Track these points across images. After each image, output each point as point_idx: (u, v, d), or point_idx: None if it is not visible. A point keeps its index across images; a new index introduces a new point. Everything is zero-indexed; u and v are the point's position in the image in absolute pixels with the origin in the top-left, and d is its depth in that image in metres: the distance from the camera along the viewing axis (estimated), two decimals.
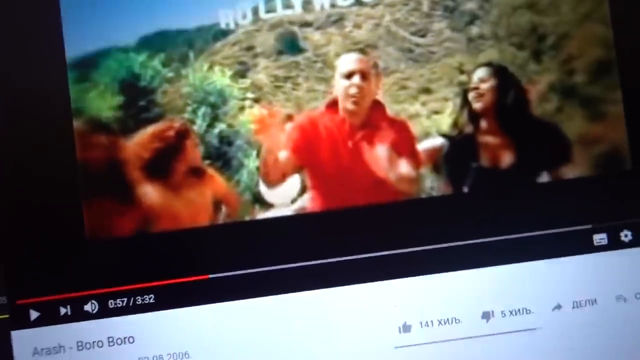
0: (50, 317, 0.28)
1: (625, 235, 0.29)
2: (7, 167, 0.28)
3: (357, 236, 0.29)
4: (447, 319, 0.29)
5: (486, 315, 0.29)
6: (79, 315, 0.28)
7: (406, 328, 0.29)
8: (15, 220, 0.28)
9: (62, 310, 0.29)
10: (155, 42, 0.29)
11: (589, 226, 0.29)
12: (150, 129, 0.29)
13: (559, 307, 0.29)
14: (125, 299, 0.29)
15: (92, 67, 0.29)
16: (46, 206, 0.28)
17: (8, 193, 0.28)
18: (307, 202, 0.29)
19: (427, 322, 0.29)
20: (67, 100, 0.29)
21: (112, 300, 0.29)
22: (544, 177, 0.29)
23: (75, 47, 0.29)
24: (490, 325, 0.29)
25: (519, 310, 0.29)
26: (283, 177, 0.29)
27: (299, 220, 0.29)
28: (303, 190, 0.29)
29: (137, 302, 0.29)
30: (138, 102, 0.29)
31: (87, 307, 0.29)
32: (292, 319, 0.28)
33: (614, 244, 0.29)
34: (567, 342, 0.28)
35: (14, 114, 0.29)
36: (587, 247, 0.29)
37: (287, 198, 0.29)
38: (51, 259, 0.28)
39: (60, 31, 0.29)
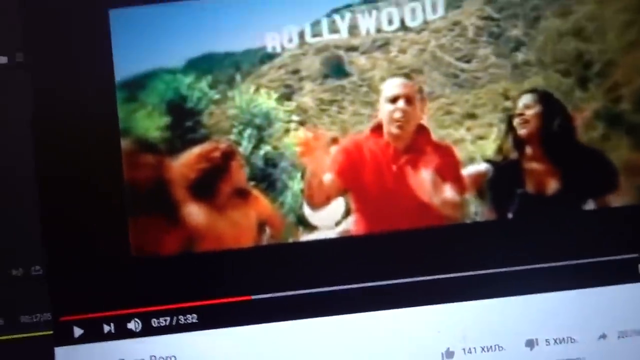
0: (93, 334, 0.29)
1: None
2: (57, 184, 0.29)
3: (401, 260, 0.29)
4: (491, 346, 0.29)
5: (530, 344, 0.29)
6: (123, 333, 0.29)
7: (449, 354, 0.29)
8: (62, 237, 0.29)
9: (106, 328, 0.29)
10: (202, 65, 0.30)
11: (635, 255, 0.29)
12: (197, 150, 0.30)
13: (604, 336, 0.29)
14: (169, 318, 0.29)
15: (140, 88, 0.30)
16: (93, 224, 0.29)
17: (56, 210, 0.29)
18: (351, 225, 0.29)
19: (470, 349, 0.29)
20: (115, 120, 0.29)
21: (155, 319, 0.29)
22: (590, 205, 0.29)
23: (124, 68, 0.30)
24: (534, 353, 0.28)
25: (563, 339, 0.29)
26: (327, 199, 0.29)
27: (343, 243, 0.29)
28: (347, 213, 0.29)
29: (180, 322, 0.29)
30: (185, 123, 0.30)
31: (131, 325, 0.29)
32: (335, 342, 0.29)
33: None
34: None
35: (65, 133, 0.29)
36: (633, 276, 0.29)
37: (331, 221, 0.29)
38: (96, 276, 0.29)
39: (110, 53, 0.30)
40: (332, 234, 0.29)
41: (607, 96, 0.30)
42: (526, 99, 0.30)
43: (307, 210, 0.29)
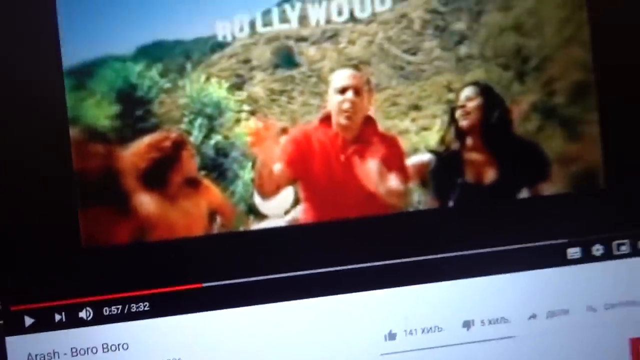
0: (45, 324, 0.29)
1: (597, 250, 0.31)
2: (4, 174, 0.29)
3: (347, 247, 0.30)
4: (430, 328, 0.30)
5: (467, 324, 0.31)
6: (74, 322, 0.29)
7: (391, 336, 0.30)
8: (11, 227, 0.29)
9: (57, 317, 0.29)
10: (152, 52, 0.30)
11: (564, 240, 0.31)
12: (147, 139, 0.30)
13: (534, 316, 0.31)
14: (120, 306, 0.29)
15: (88, 76, 0.30)
16: (43, 214, 0.29)
17: (5, 200, 0.29)
18: (300, 214, 0.30)
19: (411, 330, 0.30)
20: (63, 109, 0.29)
21: (106, 308, 0.29)
22: (524, 193, 0.31)
23: (72, 55, 0.29)
24: (470, 333, 0.31)
25: (497, 319, 0.31)
26: (277, 189, 0.30)
27: (291, 231, 0.30)
28: (296, 202, 0.30)
29: (131, 310, 0.29)
30: (135, 112, 0.30)
31: (82, 314, 0.29)
32: (282, 327, 0.30)
33: (587, 258, 0.31)
34: (542, 350, 0.31)
35: (9, 121, 0.29)
36: (562, 260, 0.31)
37: (280, 209, 0.30)
38: (47, 266, 0.29)
39: (57, 39, 0.29)
40: (281, 222, 0.30)
41: (542, 90, 0.31)
42: (468, 91, 0.31)
43: (257, 199, 0.30)
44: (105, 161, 0.30)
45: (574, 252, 0.31)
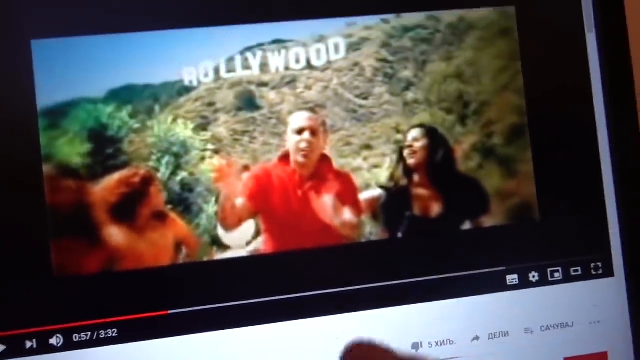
0: (16, 351, 0.31)
1: (533, 276, 0.35)
2: None
3: (305, 276, 0.33)
4: None
5: (415, 346, 0.34)
6: (45, 349, 0.31)
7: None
8: None
9: (28, 344, 0.31)
10: (123, 95, 0.33)
11: (503, 268, 0.35)
12: (117, 175, 0.32)
13: (477, 338, 0.34)
14: (89, 333, 0.31)
15: (62, 116, 0.32)
16: (16, 244, 0.31)
17: None
18: (261, 245, 0.33)
19: None
20: (37, 147, 0.32)
21: (76, 334, 0.31)
22: (467, 225, 0.35)
23: (46, 97, 0.32)
24: (418, 354, 0.33)
25: (443, 341, 0.34)
26: (239, 221, 0.33)
27: (253, 261, 0.33)
28: (257, 234, 0.33)
29: (100, 336, 0.32)
30: (105, 150, 0.32)
31: (53, 341, 0.31)
32: (245, 352, 0.32)
33: (524, 284, 0.35)
34: None
35: None
36: (501, 286, 0.35)
37: (242, 241, 0.33)
38: (18, 294, 0.31)
39: (32, 81, 0.32)
40: (243, 252, 0.33)
41: (482, 132, 0.35)
42: (415, 132, 0.34)
43: (220, 232, 0.33)
44: (77, 195, 0.32)
45: (512, 278, 0.35)
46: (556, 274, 0.35)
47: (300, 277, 0.33)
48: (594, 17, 0.36)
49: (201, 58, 0.33)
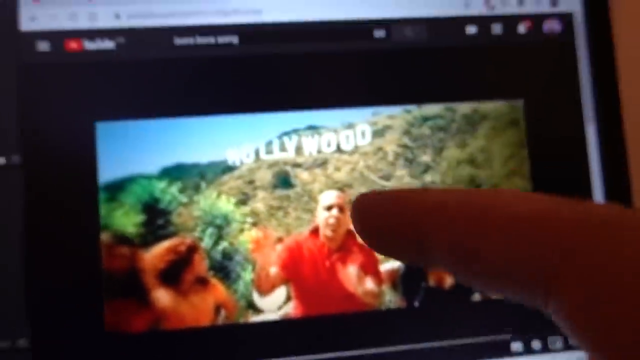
0: None
1: (535, 344, 0.39)
2: (44, 271, 0.35)
3: (330, 338, 0.37)
4: None
5: None
6: None
7: None
8: (46, 315, 0.35)
9: None
10: (173, 173, 0.37)
11: (508, 336, 0.38)
12: (166, 244, 0.37)
13: None
14: None
15: (120, 190, 0.36)
16: (74, 304, 0.35)
17: (43, 292, 0.35)
18: (291, 309, 0.37)
19: None
20: (97, 217, 0.36)
21: None
22: (476, 297, 0.39)
23: (107, 173, 0.36)
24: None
25: None
26: (272, 288, 0.37)
27: (284, 324, 0.37)
28: (288, 300, 0.37)
29: None
30: (157, 221, 0.37)
31: None
32: None
33: (527, 351, 0.39)
34: None
35: (52, 227, 0.35)
36: (507, 353, 0.38)
37: (275, 305, 0.37)
38: (74, 348, 0.35)
39: (95, 158, 0.36)
40: (275, 316, 0.37)
41: None
42: None
43: (255, 297, 0.37)
44: (130, 261, 0.36)
45: (516, 346, 0.39)
46: (557, 343, 0.39)
47: (326, 339, 0.37)
48: (593, 109, 0.40)
49: (243, 141, 0.38)
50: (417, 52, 0.39)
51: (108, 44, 0.37)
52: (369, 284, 0.38)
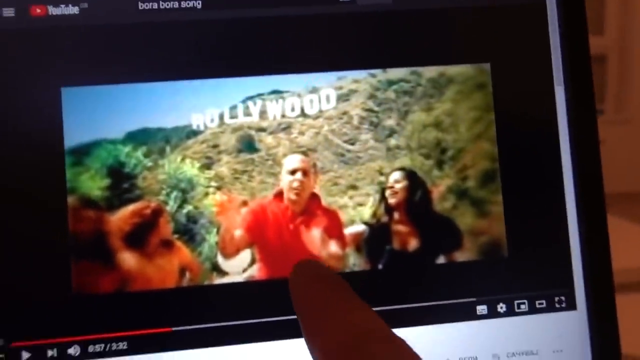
0: (39, 358, 0.37)
1: (501, 307, 0.40)
2: (13, 234, 0.37)
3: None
4: None
5: None
6: (64, 357, 0.37)
7: None
8: (15, 276, 0.37)
9: (49, 353, 0.37)
10: (138, 137, 0.38)
11: (474, 299, 0.39)
12: (131, 207, 0.38)
13: None
14: (103, 345, 0.37)
15: (86, 155, 0.38)
16: (42, 266, 0.37)
17: (11, 256, 0.37)
18: (256, 272, 0.38)
19: None
20: (63, 181, 0.37)
21: (91, 345, 0.37)
22: (441, 260, 0.39)
23: (72, 137, 0.38)
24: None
25: None
26: (237, 251, 0.38)
27: (248, 286, 0.38)
28: (252, 262, 0.38)
29: (112, 348, 0.37)
30: (122, 185, 0.38)
31: (71, 351, 0.37)
32: None
33: (492, 314, 0.40)
34: None
35: (17, 190, 0.37)
36: (472, 316, 0.39)
37: (239, 268, 0.38)
38: (42, 310, 0.37)
39: (61, 123, 0.38)
40: (239, 278, 0.38)
41: (457, 175, 0.40)
42: (396, 175, 0.40)
43: (220, 259, 0.38)
44: (96, 224, 0.38)
45: (481, 309, 0.40)
46: (522, 306, 0.40)
47: (289, 301, 0.38)
48: (562, 72, 0.41)
49: (207, 106, 0.39)
50: (382, 16, 0.40)
51: (72, 10, 0.38)
52: (333, 246, 0.39)
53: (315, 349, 0.24)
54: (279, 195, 0.39)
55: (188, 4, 0.39)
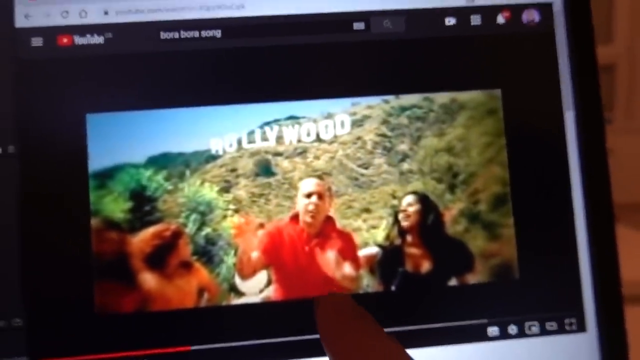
0: None
1: (512, 329, 0.41)
2: (39, 255, 0.38)
3: (310, 321, 0.39)
4: None
5: None
6: None
7: None
8: (40, 296, 0.38)
9: None
10: (159, 161, 0.40)
11: (485, 320, 0.41)
12: (152, 229, 0.40)
13: None
14: None
15: (109, 178, 0.40)
16: (66, 286, 0.38)
17: (37, 274, 0.38)
18: (272, 293, 0.40)
19: None
20: (87, 203, 0.39)
21: None
22: (453, 282, 0.41)
23: (96, 162, 0.40)
24: None
25: None
26: (254, 272, 0.40)
27: (264, 306, 0.40)
28: (269, 283, 0.40)
29: None
30: (143, 208, 0.40)
31: None
32: None
33: (503, 335, 0.41)
34: None
35: (46, 214, 0.39)
36: (483, 337, 0.41)
37: (256, 289, 0.40)
38: (66, 328, 0.38)
39: (85, 148, 0.39)
40: (256, 299, 0.40)
41: (469, 199, 0.41)
42: (409, 198, 0.41)
43: (237, 280, 0.40)
44: (118, 246, 0.39)
45: (492, 330, 0.41)
46: (533, 328, 0.41)
47: (305, 322, 0.39)
48: (572, 97, 0.42)
49: (226, 131, 0.41)
50: (395, 44, 0.42)
51: (97, 39, 0.40)
52: (347, 268, 0.40)
53: None
54: (295, 217, 0.41)
55: (208, 33, 0.41)
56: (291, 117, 0.41)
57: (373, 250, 0.41)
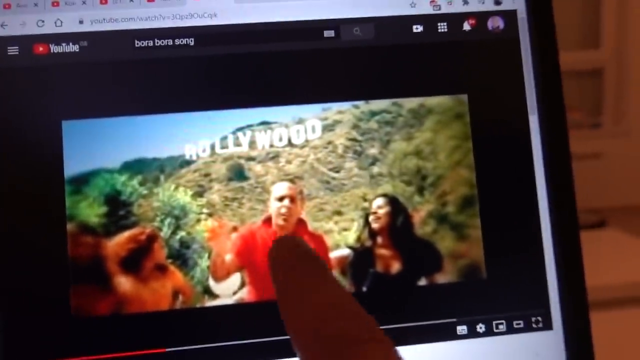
0: None
1: (480, 328, 0.42)
2: (15, 260, 0.39)
3: (282, 322, 0.41)
4: None
5: None
6: None
7: None
8: (15, 301, 0.39)
9: None
10: (134, 167, 0.41)
11: (454, 319, 0.42)
12: (127, 233, 0.41)
13: None
14: None
15: (84, 184, 0.41)
16: (42, 290, 0.39)
17: (13, 280, 0.39)
18: (245, 294, 0.41)
19: None
20: (63, 208, 0.40)
21: None
22: (422, 282, 0.42)
23: (72, 167, 0.41)
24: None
25: None
26: (227, 274, 0.41)
27: (238, 308, 0.41)
28: (242, 285, 0.41)
29: None
30: (118, 212, 0.41)
31: None
32: None
33: (472, 334, 0.42)
34: None
35: (19, 218, 0.40)
36: (452, 336, 0.42)
37: (230, 291, 0.41)
38: (41, 331, 0.39)
39: (61, 154, 0.40)
40: (230, 300, 0.41)
41: (437, 201, 0.43)
42: (379, 201, 0.42)
43: (211, 283, 0.41)
44: (94, 249, 0.40)
45: (461, 329, 0.42)
46: (500, 326, 0.42)
47: (279, 323, 0.41)
48: (535, 101, 0.44)
49: (200, 137, 0.42)
50: (365, 51, 0.43)
51: (73, 47, 0.41)
52: None
53: (292, 327, 0.28)
54: (268, 221, 0.42)
55: (181, 41, 0.42)
56: (263, 123, 0.42)
57: (344, 252, 0.42)
